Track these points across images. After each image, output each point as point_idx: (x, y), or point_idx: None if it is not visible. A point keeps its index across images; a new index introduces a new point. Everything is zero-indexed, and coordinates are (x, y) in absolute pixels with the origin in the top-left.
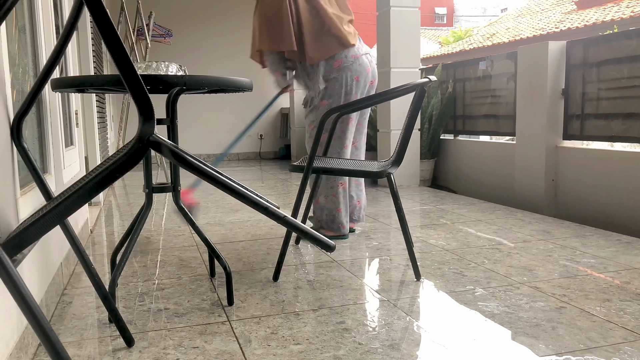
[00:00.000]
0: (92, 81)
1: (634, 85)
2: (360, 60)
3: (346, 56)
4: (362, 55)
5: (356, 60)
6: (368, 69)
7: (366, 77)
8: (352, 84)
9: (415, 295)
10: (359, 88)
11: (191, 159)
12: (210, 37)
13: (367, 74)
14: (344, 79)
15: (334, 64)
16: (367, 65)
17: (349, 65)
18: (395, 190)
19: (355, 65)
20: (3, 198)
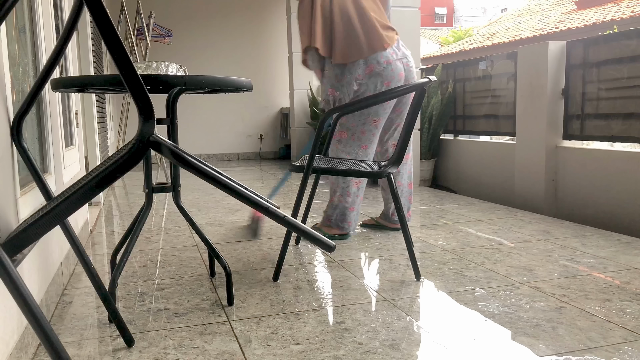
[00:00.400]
0: (92, 81)
1: (634, 85)
2: (392, 65)
3: (378, 62)
4: (396, 60)
5: (389, 66)
6: (401, 74)
7: (398, 82)
8: (381, 89)
9: (415, 295)
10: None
11: (191, 159)
12: (210, 37)
13: (400, 79)
14: (375, 84)
15: (366, 69)
16: (401, 70)
17: (381, 71)
18: (395, 190)
19: (387, 71)
20: (3, 198)
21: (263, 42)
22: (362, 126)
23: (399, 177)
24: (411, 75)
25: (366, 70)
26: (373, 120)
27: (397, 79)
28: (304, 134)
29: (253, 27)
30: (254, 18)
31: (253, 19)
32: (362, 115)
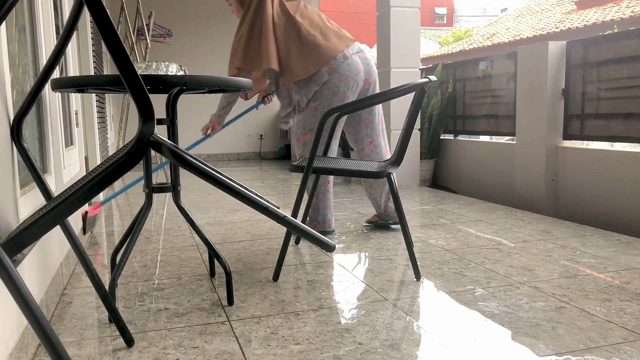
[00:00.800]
0: (92, 81)
1: (634, 85)
2: (349, 60)
3: (335, 58)
4: (352, 54)
5: (345, 61)
6: (359, 68)
7: (356, 76)
8: (339, 84)
9: (415, 295)
10: (348, 88)
11: (191, 159)
12: (210, 37)
13: (358, 72)
14: (333, 81)
15: (324, 67)
16: (358, 64)
17: (338, 67)
18: (395, 190)
19: (343, 66)
20: (3, 198)
21: None
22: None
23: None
24: (370, 68)
25: (324, 69)
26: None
27: (355, 73)
28: None
29: None
30: None
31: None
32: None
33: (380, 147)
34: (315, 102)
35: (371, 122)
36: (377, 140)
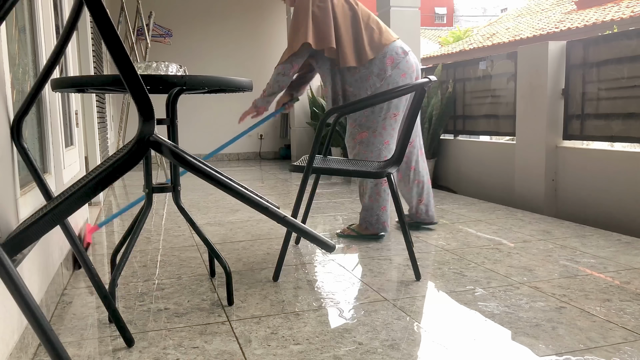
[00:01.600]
0: (92, 81)
1: (634, 85)
2: (408, 57)
3: (397, 53)
4: (409, 52)
5: (405, 57)
6: (414, 66)
7: (412, 74)
8: (398, 80)
9: (415, 295)
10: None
11: (191, 159)
12: (210, 37)
13: (413, 70)
14: (393, 77)
15: (386, 61)
16: (414, 62)
17: (398, 62)
18: (395, 190)
19: (403, 62)
20: (3, 198)
21: (263, 42)
22: (383, 122)
23: (418, 175)
24: (418, 67)
25: (387, 63)
26: (393, 114)
27: (411, 70)
28: (304, 134)
29: (253, 27)
30: (254, 18)
31: (253, 19)
32: (382, 110)
33: (416, 147)
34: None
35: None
36: (416, 142)
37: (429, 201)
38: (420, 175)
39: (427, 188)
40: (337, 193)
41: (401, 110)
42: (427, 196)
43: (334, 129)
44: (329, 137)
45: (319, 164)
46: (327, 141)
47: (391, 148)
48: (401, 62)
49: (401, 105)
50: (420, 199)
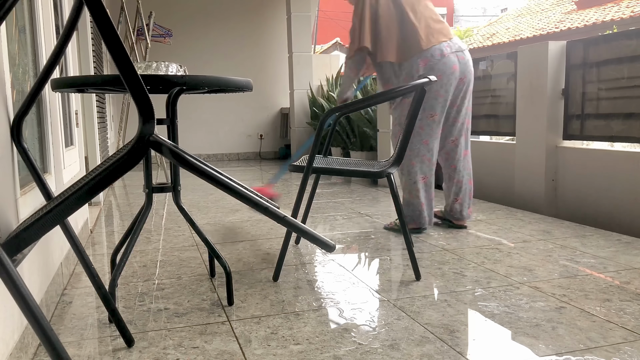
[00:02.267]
0: (92, 81)
1: (634, 85)
2: (446, 58)
3: (432, 55)
4: (450, 53)
5: (442, 59)
6: (454, 67)
7: (451, 75)
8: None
9: (415, 295)
10: (441, 86)
11: (191, 159)
12: (210, 37)
13: (453, 71)
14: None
15: (420, 62)
16: (454, 63)
17: (434, 64)
18: (395, 190)
19: (439, 64)
20: (3, 198)
21: (263, 42)
22: (419, 122)
23: (458, 175)
24: (467, 68)
25: (421, 64)
26: (430, 115)
27: (450, 71)
28: (304, 134)
29: (253, 27)
30: (254, 18)
31: (253, 19)
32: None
33: (460, 146)
34: (409, 98)
35: (457, 121)
36: (459, 140)
37: (465, 201)
38: (460, 174)
39: (466, 189)
40: (337, 193)
41: (439, 111)
42: (464, 196)
43: (334, 129)
44: (329, 137)
45: (319, 164)
46: (327, 141)
47: (430, 148)
48: (437, 65)
49: (438, 107)
50: (456, 198)
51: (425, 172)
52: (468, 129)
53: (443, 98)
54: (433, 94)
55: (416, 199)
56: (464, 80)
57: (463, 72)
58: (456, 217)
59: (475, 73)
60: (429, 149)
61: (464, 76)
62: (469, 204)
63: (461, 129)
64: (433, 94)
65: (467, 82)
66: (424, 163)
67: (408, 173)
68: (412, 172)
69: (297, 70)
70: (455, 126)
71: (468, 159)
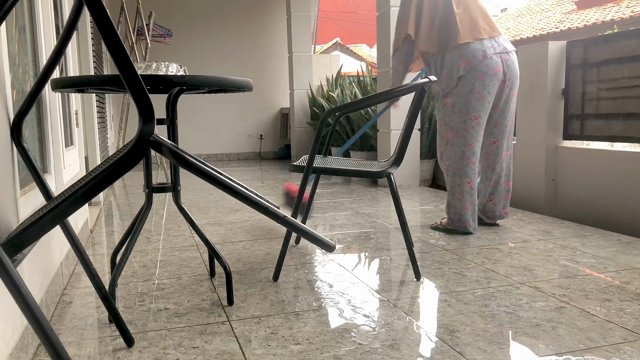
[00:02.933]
0: (92, 81)
1: (634, 85)
2: (488, 59)
3: (474, 56)
4: (493, 54)
5: (484, 60)
6: (497, 68)
7: (493, 77)
8: (474, 82)
9: (415, 295)
10: (484, 87)
11: (191, 159)
12: (210, 37)
13: (495, 72)
14: (468, 78)
15: (461, 62)
16: (497, 64)
17: (475, 65)
18: (395, 190)
19: (481, 65)
20: (3, 198)
21: (263, 42)
22: (464, 123)
23: (495, 176)
24: (511, 71)
25: (461, 64)
26: (474, 117)
27: (492, 73)
28: (304, 134)
29: (253, 27)
30: (254, 18)
31: (253, 19)
32: (462, 112)
33: (501, 148)
34: (452, 97)
35: (500, 122)
36: (500, 142)
37: (500, 202)
38: (497, 175)
39: (503, 189)
40: (337, 193)
41: (482, 113)
42: (500, 197)
43: (334, 129)
44: (329, 137)
45: (319, 164)
46: (327, 141)
47: (475, 151)
48: (478, 66)
49: (482, 108)
50: (491, 197)
51: (470, 175)
52: (510, 130)
53: (486, 100)
54: (476, 95)
55: (458, 202)
56: (506, 83)
57: (506, 74)
58: (488, 216)
59: None
60: (473, 151)
61: (507, 78)
62: (505, 205)
63: (504, 130)
64: (476, 95)
65: (510, 84)
66: (469, 166)
67: (452, 175)
68: (457, 175)
69: (297, 70)
70: (497, 127)
71: (509, 162)
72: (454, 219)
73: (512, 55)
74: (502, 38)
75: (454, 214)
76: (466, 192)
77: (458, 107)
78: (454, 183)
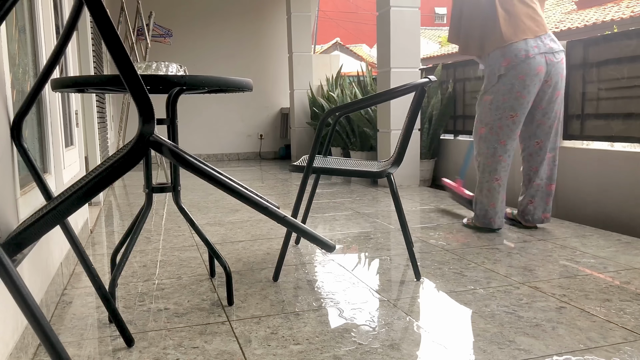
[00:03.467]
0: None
1: (634, 85)
2: (530, 59)
3: (516, 55)
4: (537, 54)
5: (526, 60)
6: (540, 69)
7: (535, 77)
8: (514, 82)
9: (415, 295)
10: (524, 87)
11: (191, 159)
12: (211, 37)
13: (537, 73)
14: (508, 77)
15: (503, 61)
16: (540, 64)
17: (517, 64)
18: (395, 190)
19: (523, 65)
20: (3, 198)
21: (263, 42)
22: (498, 121)
23: (538, 178)
24: (555, 70)
25: (503, 63)
26: (510, 115)
27: (533, 73)
28: (304, 134)
29: (253, 27)
30: (254, 18)
31: (253, 19)
32: (498, 110)
33: (544, 149)
34: (490, 95)
35: (543, 123)
36: (544, 143)
37: (540, 205)
38: (540, 178)
39: (544, 193)
40: (337, 193)
41: (520, 112)
42: (540, 200)
43: (334, 129)
44: (329, 137)
45: (319, 164)
46: (327, 141)
47: (507, 149)
48: (519, 65)
49: (520, 108)
50: (531, 200)
51: (500, 173)
52: (557, 132)
53: (525, 100)
54: (514, 94)
55: (485, 198)
56: (549, 83)
57: (549, 74)
58: (526, 219)
59: (475, 73)
60: (505, 149)
61: (549, 78)
62: (546, 209)
63: (548, 132)
64: (514, 94)
65: (553, 84)
66: (499, 164)
67: (482, 172)
68: (486, 172)
69: (297, 70)
70: (541, 128)
71: (553, 164)
72: (480, 215)
73: (558, 55)
74: (548, 37)
75: (480, 209)
76: (494, 189)
77: (495, 105)
78: (483, 179)
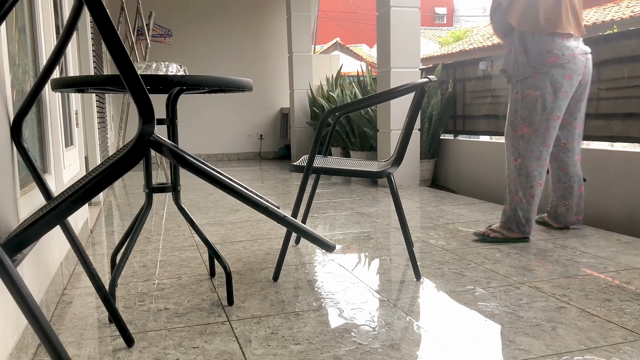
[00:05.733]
0: (92, 81)
1: (634, 85)
2: (575, 60)
3: (563, 54)
4: (579, 55)
5: (572, 59)
6: (582, 68)
7: (578, 76)
8: (562, 81)
9: (415, 295)
10: (571, 86)
11: (191, 159)
12: (210, 37)
13: (581, 72)
14: (555, 75)
15: (548, 58)
16: (582, 64)
17: (564, 63)
18: (395, 190)
19: (570, 64)
20: (3, 198)
21: (263, 42)
22: (546, 122)
23: (569, 180)
24: (587, 70)
25: (549, 59)
26: (557, 116)
27: (578, 72)
28: (304, 134)
29: (253, 27)
30: (254, 18)
31: (253, 19)
32: (545, 110)
33: (572, 151)
34: (536, 91)
35: (569, 123)
36: (571, 144)
37: (572, 208)
38: (571, 180)
39: (576, 195)
40: (337, 193)
41: (562, 114)
42: (573, 203)
43: (334, 129)
44: (329, 137)
45: (319, 163)
46: (327, 141)
47: (550, 152)
48: (568, 64)
49: (565, 108)
50: (564, 202)
51: (543, 177)
52: (580, 134)
53: (567, 99)
54: (562, 94)
55: (527, 204)
56: (582, 82)
57: (585, 74)
58: (559, 221)
59: (475, 73)
60: (549, 152)
61: (583, 78)
62: (578, 211)
63: (573, 132)
64: (562, 94)
65: (584, 83)
66: (543, 167)
67: (526, 176)
68: (531, 176)
69: (297, 70)
70: (567, 129)
71: (579, 164)
72: (519, 224)
73: (590, 56)
74: (581, 42)
75: (522, 217)
76: (537, 195)
77: (542, 104)
78: (525, 184)
